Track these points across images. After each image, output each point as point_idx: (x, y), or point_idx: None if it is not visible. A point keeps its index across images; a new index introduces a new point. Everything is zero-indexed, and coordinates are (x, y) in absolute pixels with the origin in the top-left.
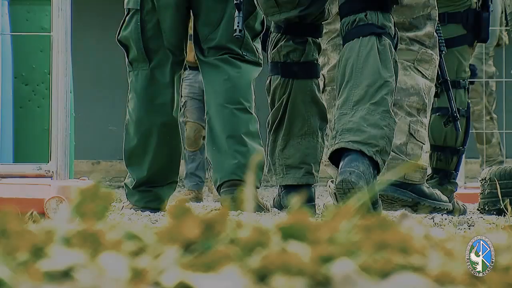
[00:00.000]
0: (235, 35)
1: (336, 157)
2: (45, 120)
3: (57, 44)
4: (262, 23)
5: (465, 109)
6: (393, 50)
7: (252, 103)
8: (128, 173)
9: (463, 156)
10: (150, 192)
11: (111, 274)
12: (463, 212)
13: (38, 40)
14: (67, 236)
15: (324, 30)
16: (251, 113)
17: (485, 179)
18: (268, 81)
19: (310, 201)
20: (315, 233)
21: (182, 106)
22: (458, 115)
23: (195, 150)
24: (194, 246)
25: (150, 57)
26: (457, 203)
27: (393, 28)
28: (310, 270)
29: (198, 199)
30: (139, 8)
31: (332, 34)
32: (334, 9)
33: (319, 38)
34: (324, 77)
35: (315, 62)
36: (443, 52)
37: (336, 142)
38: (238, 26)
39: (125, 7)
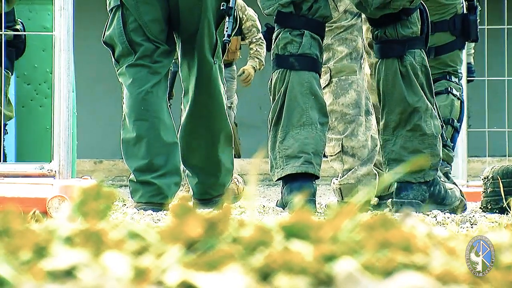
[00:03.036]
0: (224, 40)
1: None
2: (47, 119)
3: (59, 43)
4: (235, 19)
5: (459, 92)
6: (415, 64)
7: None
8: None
9: (466, 153)
10: (153, 185)
11: (114, 273)
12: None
13: (40, 40)
14: (69, 235)
15: (330, 27)
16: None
17: (487, 177)
18: (269, 80)
19: (310, 195)
20: (317, 232)
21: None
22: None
23: None
24: (197, 245)
25: (135, 49)
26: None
27: (416, 29)
28: (313, 269)
29: None
30: (119, 3)
31: (338, 30)
32: (342, 7)
33: (320, 36)
34: (330, 69)
35: (314, 57)
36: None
37: (387, 172)
38: (227, 31)
39: (108, 9)
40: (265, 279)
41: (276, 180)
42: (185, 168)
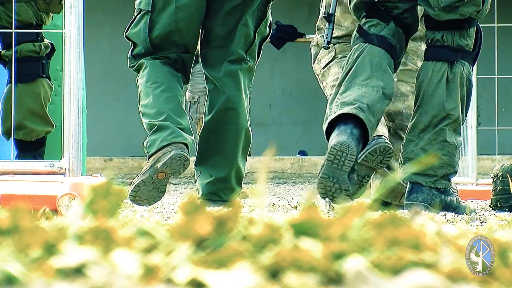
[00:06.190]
0: (323, 46)
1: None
2: (57, 117)
3: (69, 41)
4: (270, 26)
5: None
6: (464, 75)
7: (244, 115)
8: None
9: (475, 151)
10: (172, 128)
11: (123, 271)
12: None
13: (51, 37)
14: (79, 233)
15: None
16: (243, 134)
17: (497, 175)
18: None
19: (350, 137)
20: (327, 229)
21: (196, 101)
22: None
23: None
24: (206, 243)
25: (156, 52)
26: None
27: (470, 43)
28: (322, 266)
29: None
30: (150, 9)
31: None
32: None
33: (403, 37)
34: (334, 48)
35: (393, 44)
36: None
37: (401, 171)
38: (327, 37)
39: (136, 7)
40: (274, 277)
41: (326, 129)
42: (196, 169)
